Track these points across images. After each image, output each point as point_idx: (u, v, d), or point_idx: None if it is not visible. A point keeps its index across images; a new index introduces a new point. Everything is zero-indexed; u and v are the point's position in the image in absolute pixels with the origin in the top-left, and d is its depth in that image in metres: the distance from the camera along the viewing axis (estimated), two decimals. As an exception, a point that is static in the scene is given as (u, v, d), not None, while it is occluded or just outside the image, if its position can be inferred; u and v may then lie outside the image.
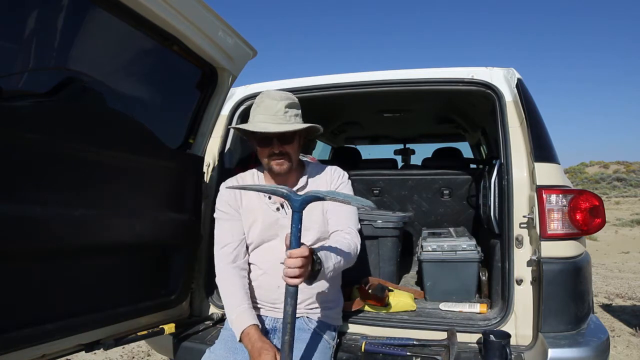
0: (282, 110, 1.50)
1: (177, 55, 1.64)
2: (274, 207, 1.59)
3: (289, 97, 1.54)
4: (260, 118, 1.50)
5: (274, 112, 1.49)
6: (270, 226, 1.58)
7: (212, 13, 1.57)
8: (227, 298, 1.54)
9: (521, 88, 1.83)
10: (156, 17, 1.42)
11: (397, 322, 1.78)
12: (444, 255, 2.01)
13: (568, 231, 1.60)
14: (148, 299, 1.66)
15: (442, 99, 2.83)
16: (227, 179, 1.70)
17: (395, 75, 2.03)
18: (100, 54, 1.41)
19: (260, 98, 1.54)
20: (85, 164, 1.35)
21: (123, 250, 1.53)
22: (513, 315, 1.65)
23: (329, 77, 2.12)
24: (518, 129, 1.79)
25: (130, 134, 1.52)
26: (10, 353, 1.15)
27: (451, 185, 2.95)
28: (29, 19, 1.15)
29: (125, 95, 1.56)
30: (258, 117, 1.51)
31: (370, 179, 3.07)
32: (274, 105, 1.49)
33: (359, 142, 4.76)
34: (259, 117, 1.50)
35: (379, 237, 2.25)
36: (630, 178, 31.09)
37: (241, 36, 1.74)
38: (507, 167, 1.75)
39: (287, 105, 1.51)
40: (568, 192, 1.62)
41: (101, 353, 3.35)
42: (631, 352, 3.36)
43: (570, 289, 1.59)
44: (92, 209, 1.38)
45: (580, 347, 1.49)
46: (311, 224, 1.56)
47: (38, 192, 1.20)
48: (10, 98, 1.11)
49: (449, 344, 1.57)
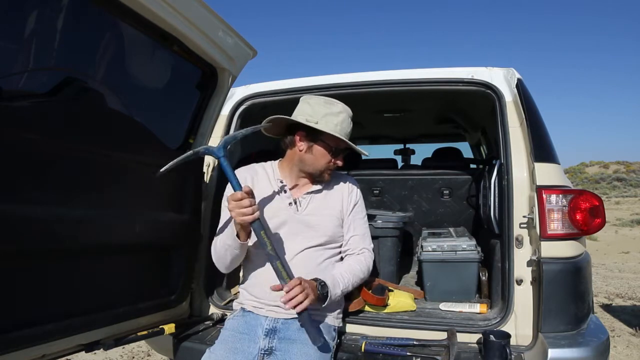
0: (349, 127, 1.58)
1: (177, 55, 1.64)
2: (286, 201, 1.58)
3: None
4: (339, 129, 1.52)
5: (346, 125, 1.56)
6: (281, 221, 1.55)
7: (212, 13, 1.57)
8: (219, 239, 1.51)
9: (521, 88, 1.83)
10: (156, 17, 1.42)
11: (397, 322, 1.78)
12: (444, 255, 2.01)
13: (568, 231, 1.60)
14: (148, 299, 1.66)
15: (442, 99, 2.83)
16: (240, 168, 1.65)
17: (396, 75, 2.03)
18: (99, 54, 1.41)
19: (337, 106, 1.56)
20: (84, 164, 1.35)
21: (123, 250, 1.53)
22: (513, 315, 1.65)
23: (329, 77, 2.12)
24: (518, 129, 1.79)
25: (129, 134, 1.52)
26: (10, 353, 1.15)
27: (451, 186, 2.95)
28: (27, 19, 1.15)
29: (124, 95, 1.55)
30: (336, 127, 1.52)
31: (370, 179, 3.07)
32: (343, 117, 1.55)
33: (359, 142, 4.75)
34: (331, 126, 1.51)
35: (379, 237, 2.24)
36: (630, 178, 31.10)
37: (241, 36, 1.75)
38: (507, 167, 1.75)
39: (349, 120, 1.59)
40: (568, 192, 1.62)
41: (101, 353, 3.35)
42: (631, 352, 3.36)
43: (570, 289, 1.59)
44: (92, 209, 1.38)
45: (580, 347, 1.49)
46: (319, 224, 1.56)
47: (36, 192, 1.20)
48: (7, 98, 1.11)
49: (449, 344, 1.57)
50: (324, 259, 1.56)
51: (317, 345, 1.33)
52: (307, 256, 1.53)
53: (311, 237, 1.55)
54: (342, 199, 1.64)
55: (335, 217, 1.60)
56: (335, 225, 1.60)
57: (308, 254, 1.53)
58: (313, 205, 1.59)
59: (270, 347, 1.43)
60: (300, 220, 1.55)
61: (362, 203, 1.70)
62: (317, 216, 1.57)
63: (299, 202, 1.59)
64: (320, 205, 1.60)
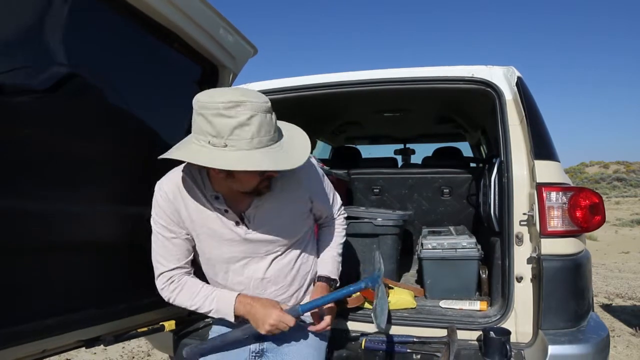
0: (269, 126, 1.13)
1: (177, 52, 1.65)
2: (230, 222, 1.30)
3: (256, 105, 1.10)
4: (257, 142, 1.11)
5: (264, 130, 1.12)
6: (232, 248, 1.31)
7: (213, 10, 1.58)
8: (195, 296, 1.31)
9: (521, 86, 1.83)
10: (157, 14, 1.43)
11: (397, 320, 1.77)
12: (444, 253, 2.01)
13: (568, 228, 1.60)
14: (148, 296, 1.66)
15: (442, 98, 2.83)
16: (163, 180, 1.31)
17: (396, 73, 2.03)
18: (99, 51, 1.41)
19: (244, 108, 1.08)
20: (84, 161, 1.35)
21: (124, 246, 1.53)
22: (513, 312, 1.65)
23: (328, 76, 2.12)
24: (518, 126, 1.79)
25: (129, 132, 1.52)
26: (11, 348, 1.15)
27: (451, 184, 2.95)
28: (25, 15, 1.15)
29: (124, 92, 1.55)
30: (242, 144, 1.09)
31: (370, 178, 3.07)
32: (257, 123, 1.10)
33: (359, 142, 4.76)
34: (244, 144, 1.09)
35: (379, 235, 2.25)
36: (630, 178, 31.10)
37: (242, 34, 1.75)
38: (507, 164, 1.75)
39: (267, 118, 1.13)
40: (568, 190, 1.62)
41: (101, 353, 3.35)
42: (631, 352, 3.35)
43: (570, 286, 1.59)
44: (92, 205, 1.38)
45: (580, 344, 1.49)
46: (278, 235, 1.32)
47: (36, 188, 1.21)
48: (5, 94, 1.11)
49: (449, 341, 1.57)
50: (295, 258, 1.39)
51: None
52: (278, 269, 1.36)
53: (274, 250, 1.35)
54: (301, 195, 1.37)
55: (295, 220, 1.37)
56: (297, 224, 1.38)
57: (278, 266, 1.36)
58: (264, 217, 1.30)
59: (262, 349, 1.38)
60: (255, 240, 1.31)
61: (318, 176, 1.42)
62: (273, 229, 1.31)
63: (246, 219, 1.30)
64: (273, 214, 1.32)
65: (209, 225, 1.29)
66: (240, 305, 1.29)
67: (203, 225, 1.29)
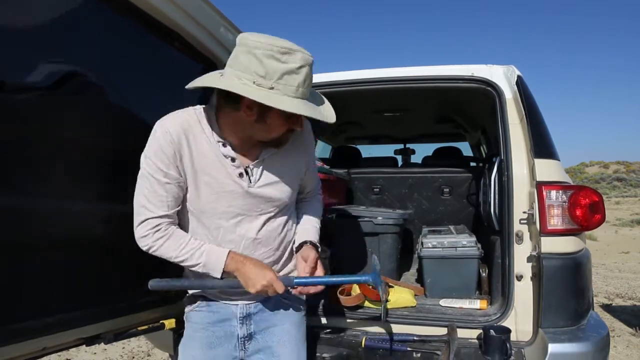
0: (311, 80, 1.17)
1: (178, 51, 1.65)
2: (235, 172, 1.26)
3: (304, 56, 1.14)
4: (301, 92, 1.14)
5: (308, 82, 1.16)
6: (232, 199, 1.27)
7: (214, 9, 1.58)
8: (182, 247, 1.24)
9: (521, 85, 1.84)
10: (157, 12, 1.43)
11: (398, 318, 1.78)
12: (444, 251, 2.01)
13: (568, 227, 1.60)
14: (149, 294, 1.66)
15: (442, 97, 2.84)
16: (166, 120, 1.25)
17: (396, 72, 2.03)
18: (98, 49, 1.41)
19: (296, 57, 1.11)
20: (85, 159, 1.36)
21: (123, 244, 1.53)
22: (513, 311, 1.65)
23: (328, 75, 2.13)
24: (518, 125, 1.80)
25: (129, 131, 1.52)
26: (11, 345, 1.15)
27: (451, 183, 2.96)
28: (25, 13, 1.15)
29: (124, 91, 1.55)
30: (289, 90, 1.12)
31: (370, 177, 3.08)
32: (305, 73, 1.13)
33: (359, 142, 4.76)
34: (290, 90, 1.12)
35: (379, 234, 2.25)
36: (630, 178, 31.12)
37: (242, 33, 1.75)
38: (507, 163, 1.76)
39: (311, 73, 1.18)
40: (568, 188, 1.62)
41: (101, 352, 3.36)
42: (631, 352, 3.36)
43: (570, 285, 1.59)
44: (91, 203, 1.38)
45: (580, 343, 1.50)
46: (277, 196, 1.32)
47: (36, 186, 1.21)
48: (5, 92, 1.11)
49: (449, 340, 1.57)
50: (284, 223, 1.38)
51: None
52: (269, 230, 1.34)
53: (268, 209, 1.33)
54: (302, 158, 1.37)
55: (294, 181, 1.37)
56: (294, 188, 1.38)
57: (269, 227, 1.34)
58: (269, 173, 1.30)
59: (250, 332, 1.37)
60: (256, 194, 1.28)
61: (314, 147, 1.48)
62: (274, 186, 1.31)
63: (250, 172, 1.28)
64: (277, 171, 1.31)
65: (212, 174, 1.24)
66: (232, 261, 1.24)
67: (205, 173, 1.24)
